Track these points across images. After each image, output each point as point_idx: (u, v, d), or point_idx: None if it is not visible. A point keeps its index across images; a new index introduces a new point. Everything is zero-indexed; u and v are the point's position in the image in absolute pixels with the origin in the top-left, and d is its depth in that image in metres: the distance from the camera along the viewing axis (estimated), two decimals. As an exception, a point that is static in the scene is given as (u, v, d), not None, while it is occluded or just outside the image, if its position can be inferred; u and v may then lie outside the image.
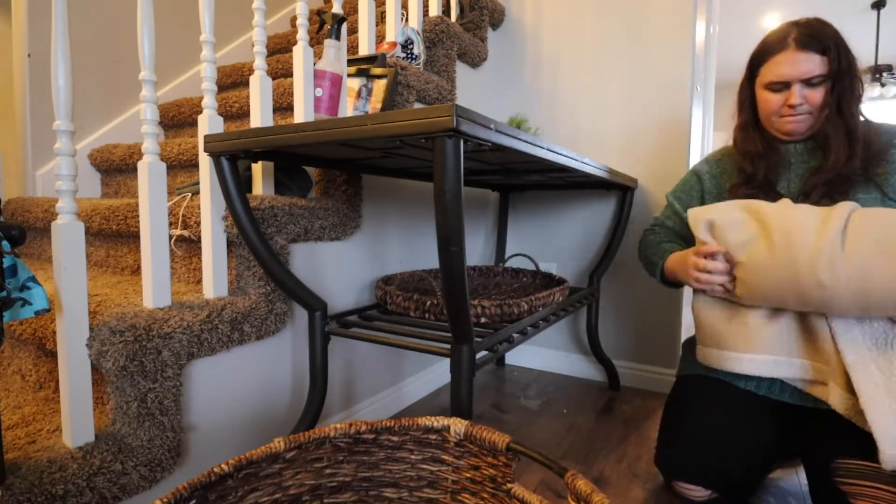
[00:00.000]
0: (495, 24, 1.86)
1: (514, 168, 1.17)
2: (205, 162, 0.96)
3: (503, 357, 1.90)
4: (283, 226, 1.02)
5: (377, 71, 1.21)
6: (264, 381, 1.04)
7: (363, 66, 1.23)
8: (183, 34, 1.95)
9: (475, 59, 1.74)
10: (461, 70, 1.68)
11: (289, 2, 2.52)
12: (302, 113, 1.05)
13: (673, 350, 1.59)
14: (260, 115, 1.03)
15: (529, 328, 1.04)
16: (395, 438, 0.65)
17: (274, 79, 1.57)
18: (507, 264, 1.82)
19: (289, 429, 1.10)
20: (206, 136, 0.90)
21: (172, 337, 0.83)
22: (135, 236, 1.16)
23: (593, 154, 1.71)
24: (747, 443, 0.90)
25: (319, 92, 1.04)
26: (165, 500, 0.49)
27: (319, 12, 1.11)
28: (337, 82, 1.06)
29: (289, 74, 1.64)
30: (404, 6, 1.51)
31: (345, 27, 1.10)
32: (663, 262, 1.07)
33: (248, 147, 0.84)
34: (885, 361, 0.77)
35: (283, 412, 1.09)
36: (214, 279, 0.97)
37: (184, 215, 1.02)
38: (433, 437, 0.66)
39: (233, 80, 1.91)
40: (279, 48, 2.14)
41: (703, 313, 0.96)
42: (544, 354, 1.82)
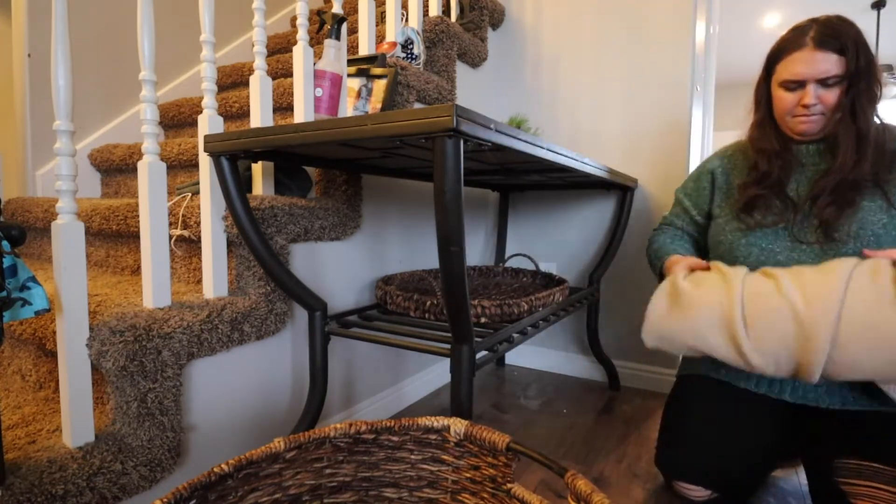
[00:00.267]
0: (495, 24, 1.86)
1: (514, 168, 1.17)
2: (205, 162, 0.96)
3: (503, 357, 1.90)
4: (283, 226, 1.02)
5: (377, 71, 1.21)
6: (264, 381, 1.04)
7: (363, 66, 1.23)
8: (183, 34, 1.96)
9: (475, 59, 1.74)
10: (461, 70, 1.68)
11: (289, 2, 2.52)
12: (302, 113, 1.05)
13: (673, 350, 1.59)
14: (260, 115, 1.03)
15: (529, 328, 1.04)
16: (395, 438, 0.65)
17: (274, 79, 1.57)
18: (507, 264, 1.82)
19: (289, 429, 1.10)
20: (206, 136, 0.90)
21: (172, 337, 0.83)
22: (135, 236, 1.16)
23: (593, 154, 1.71)
24: (747, 443, 0.90)
25: (319, 92, 1.04)
26: (165, 500, 0.49)
27: (319, 12, 1.11)
28: (337, 82, 1.06)
29: (289, 74, 1.64)
30: (404, 6, 1.51)
31: (345, 27, 1.10)
32: (662, 263, 1.07)
33: (248, 147, 0.84)
34: None
35: (283, 412, 1.09)
36: (214, 279, 0.97)
37: (184, 215, 1.02)
38: (433, 437, 0.66)
39: (233, 80, 1.91)
40: (279, 48, 2.14)
41: None
42: (544, 354, 1.82)
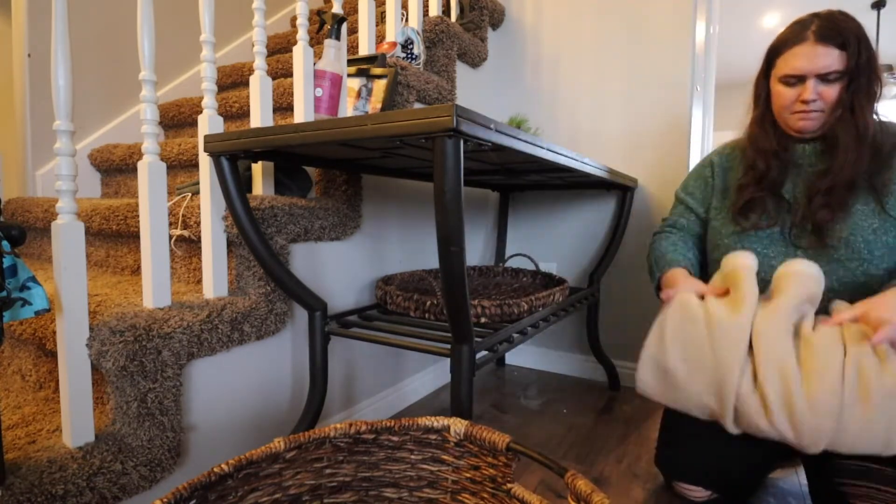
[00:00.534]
0: (495, 24, 1.85)
1: (514, 168, 1.17)
2: (205, 162, 0.96)
3: (503, 357, 1.90)
4: (283, 226, 1.02)
5: (377, 71, 1.21)
6: (264, 381, 1.04)
7: (363, 66, 1.23)
8: (183, 34, 1.96)
9: (475, 59, 1.73)
10: (461, 70, 1.68)
11: (289, 2, 2.52)
12: (302, 113, 1.05)
13: (673, 350, 1.59)
14: (260, 115, 1.03)
15: (529, 328, 1.04)
16: (395, 438, 0.65)
17: (274, 79, 1.57)
18: (507, 264, 1.82)
19: (289, 429, 1.10)
20: (206, 136, 0.90)
21: (172, 337, 0.83)
22: (135, 236, 1.16)
23: (593, 154, 1.71)
24: (747, 443, 0.90)
25: (319, 92, 1.04)
26: (165, 500, 0.49)
27: (319, 12, 1.11)
28: (337, 82, 1.06)
29: (289, 74, 1.64)
30: (404, 6, 1.51)
31: (345, 27, 1.10)
32: (661, 274, 1.03)
33: (248, 147, 0.84)
34: None
35: (283, 412, 1.09)
36: (214, 279, 0.97)
37: (184, 215, 1.02)
38: (433, 437, 0.66)
39: (233, 80, 1.91)
40: (279, 48, 2.14)
41: None
42: (544, 354, 1.82)
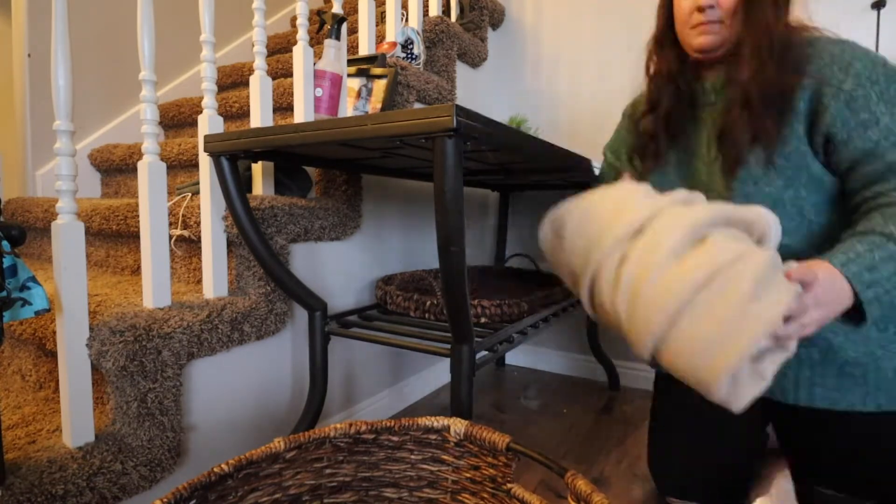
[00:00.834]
0: (495, 24, 1.85)
1: (514, 168, 1.17)
2: (205, 162, 0.96)
3: (503, 357, 1.90)
4: (283, 226, 1.02)
5: (377, 71, 1.21)
6: (264, 381, 1.04)
7: (363, 66, 1.23)
8: (183, 34, 1.95)
9: (475, 59, 1.73)
10: (461, 70, 1.68)
11: (289, 2, 2.52)
12: (302, 113, 1.05)
13: (673, 350, 1.59)
14: (260, 115, 1.03)
15: (529, 328, 1.04)
16: (395, 438, 0.65)
17: (274, 79, 1.57)
18: (507, 264, 1.82)
19: (289, 429, 1.10)
20: (206, 136, 0.90)
21: (172, 337, 0.83)
22: (135, 236, 1.16)
23: (593, 154, 1.71)
24: (730, 453, 0.88)
25: (319, 92, 1.04)
26: (165, 500, 0.49)
27: (319, 12, 1.11)
28: (337, 82, 1.06)
29: (289, 74, 1.64)
30: (404, 6, 1.51)
31: (345, 27, 1.10)
32: None
33: (248, 147, 0.84)
34: None
35: (283, 412, 1.09)
36: (214, 279, 0.97)
37: (184, 215, 1.02)
38: (433, 437, 0.66)
39: (233, 80, 1.91)
40: (279, 48, 2.14)
41: None
42: (544, 354, 1.82)
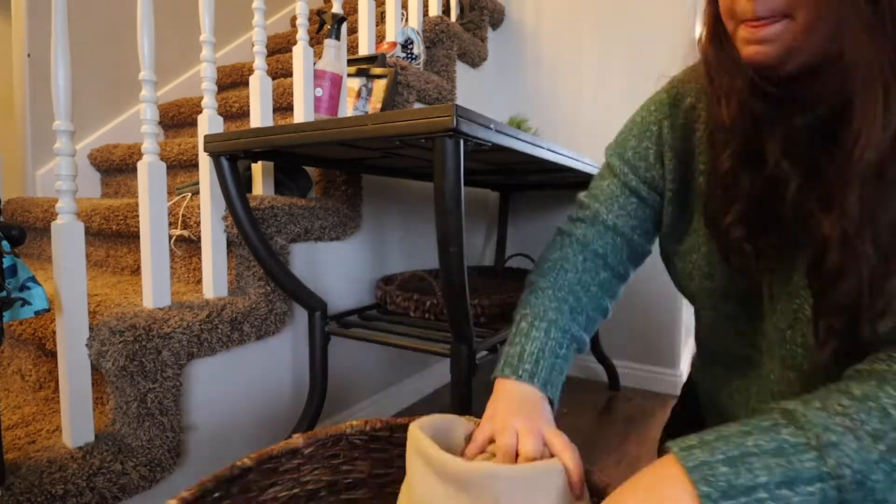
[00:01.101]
0: (495, 24, 1.85)
1: (514, 168, 1.17)
2: (205, 162, 0.96)
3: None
4: (283, 226, 1.02)
5: (377, 71, 1.21)
6: (264, 381, 1.04)
7: (363, 66, 1.23)
8: (183, 34, 1.95)
9: (475, 59, 1.73)
10: (461, 70, 1.68)
11: (289, 2, 2.51)
12: (302, 113, 1.05)
13: (673, 350, 1.59)
14: (260, 115, 1.03)
15: (529, 328, 1.04)
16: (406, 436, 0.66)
17: (274, 79, 1.57)
18: (507, 264, 1.82)
19: (289, 428, 1.10)
20: (206, 136, 0.90)
21: (172, 337, 0.83)
22: (135, 236, 1.16)
23: (593, 154, 1.71)
24: None
25: (319, 92, 1.04)
26: (192, 492, 0.49)
27: (319, 12, 1.11)
28: (337, 82, 1.06)
29: (289, 74, 1.63)
30: (404, 6, 1.51)
31: (345, 27, 1.10)
32: (496, 375, 0.51)
33: (248, 147, 0.84)
34: None
35: (283, 412, 1.09)
36: (214, 279, 0.97)
37: (184, 215, 1.02)
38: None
39: (233, 80, 1.91)
40: (279, 48, 2.14)
41: None
42: (544, 354, 1.82)
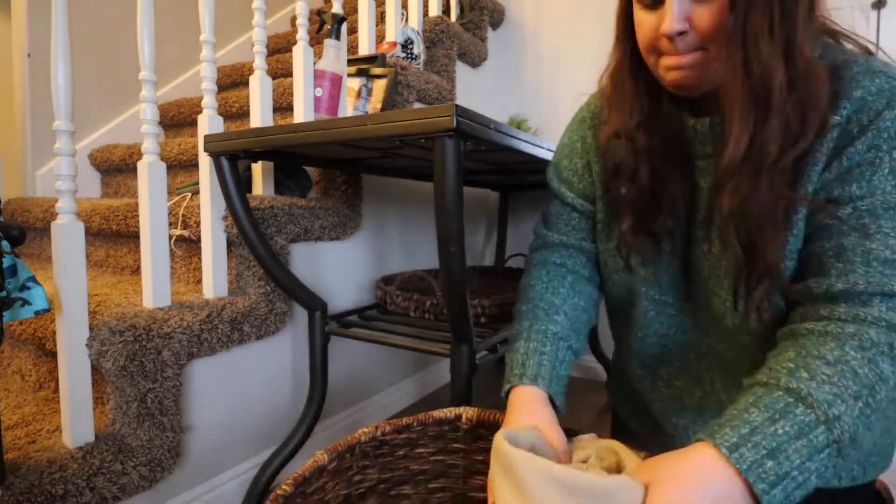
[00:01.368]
0: (495, 24, 1.85)
1: (514, 168, 1.17)
2: (205, 162, 0.96)
3: (503, 357, 1.89)
4: (283, 226, 1.02)
5: (377, 71, 1.21)
6: (264, 381, 1.04)
7: (363, 66, 1.23)
8: (183, 34, 1.95)
9: (475, 59, 1.73)
10: (461, 70, 1.68)
11: (289, 2, 2.51)
12: (302, 113, 1.05)
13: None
14: (260, 115, 1.03)
15: (529, 328, 1.04)
16: (413, 436, 0.65)
17: (274, 79, 1.57)
18: (507, 264, 1.82)
19: (289, 429, 1.10)
20: (206, 136, 0.90)
21: (172, 337, 0.83)
22: (135, 236, 1.16)
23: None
24: None
25: (319, 92, 1.04)
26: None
27: (319, 12, 1.11)
28: (337, 82, 1.06)
29: (289, 74, 1.63)
30: (404, 6, 1.51)
31: (345, 27, 1.10)
32: (512, 385, 0.57)
33: (248, 147, 0.84)
34: None
35: (283, 412, 1.09)
36: (214, 279, 0.97)
37: (184, 215, 1.02)
38: (446, 427, 0.66)
39: (233, 80, 1.91)
40: (279, 48, 2.14)
41: None
42: (544, 354, 1.82)
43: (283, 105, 1.38)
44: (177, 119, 1.83)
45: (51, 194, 1.62)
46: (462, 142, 0.66)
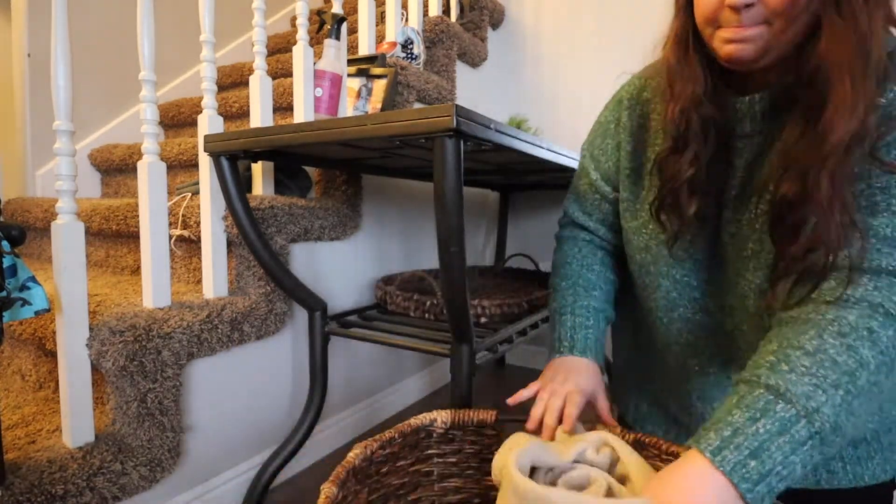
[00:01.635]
0: (495, 24, 1.85)
1: (514, 168, 1.17)
2: (205, 162, 0.96)
3: (503, 357, 1.90)
4: (283, 226, 1.02)
5: (377, 71, 1.21)
6: (264, 381, 1.04)
7: (363, 66, 1.23)
8: (183, 34, 1.95)
9: (475, 59, 1.73)
10: (461, 70, 1.68)
11: (289, 2, 2.51)
12: (302, 113, 1.05)
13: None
14: (260, 115, 1.03)
15: (529, 328, 1.04)
16: (395, 449, 0.65)
17: (274, 79, 1.56)
18: (507, 264, 1.82)
19: (288, 429, 1.10)
20: (206, 136, 0.90)
21: (172, 337, 0.83)
22: (135, 236, 1.16)
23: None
24: None
25: (319, 92, 1.04)
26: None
27: (319, 12, 1.11)
28: (337, 82, 1.06)
29: (289, 74, 1.63)
30: (404, 6, 1.51)
31: (345, 27, 1.10)
32: (560, 354, 0.65)
33: (248, 147, 0.84)
34: None
35: (283, 412, 1.09)
36: (214, 279, 0.97)
37: (184, 215, 1.02)
38: (422, 435, 0.67)
39: (233, 80, 1.91)
40: (279, 48, 2.14)
41: None
42: (544, 354, 1.82)
43: (283, 105, 1.38)
44: (177, 119, 1.83)
45: (51, 194, 1.62)
46: (462, 142, 0.66)
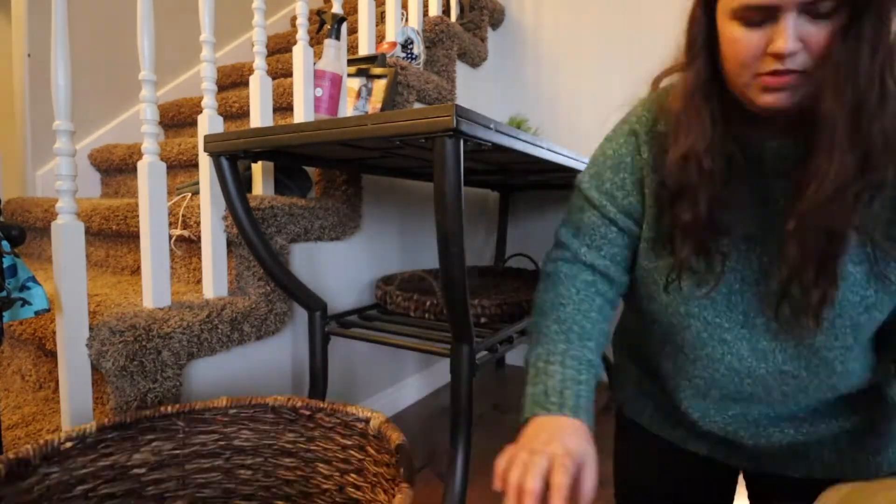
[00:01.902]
0: (495, 24, 1.85)
1: (514, 168, 1.17)
2: (205, 162, 0.96)
3: (503, 357, 1.90)
4: (283, 226, 1.02)
5: (377, 71, 1.21)
6: (264, 381, 1.04)
7: (363, 66, 1.23)
8: (183, 34, 1.95)
9: (475, 59, 1.73)
10: (461, 70, 1.68)
11: (289, 2, 2.51)
12: (302, 113, 1.05)
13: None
14: (260, 115, 1.03)
15: (529, 328, 1.04)
16: (328, 419, 0.74)
17: (274, 79, 1.57)
18: (507, 264, 1.82)
19: (289, 429, 1.10)
20: (206, 136, 0.90)
21: (172, 337, 0.83)
22: (135, 236, 1.16)
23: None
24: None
25: (319, 92, 1.04)
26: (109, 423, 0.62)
27: (319, 12, 1.11)
28: (337, 82, 1.06)
29: (289, 74, 1.63)
30: (404, 6, 1.51)
31: (345, 27, 1.10)
32: (530, 415, 0.52)
33: (248, 147, 0.84)
34: None
35: (283, 412, 1.09)
36: (214, 279, 0.97)
37: (184, 215, 1.02)
38: (359, 426, 0.70)
39: (233, 80, 1.91)
40: (279, 48, 2.14)
41: None
42: (544, 354, 1.82)
43: (283, 105, 1.38)
44: (177, 119, 1.83)
45: (51, 194, 1.62)
46: (462, 142, 0.66)
